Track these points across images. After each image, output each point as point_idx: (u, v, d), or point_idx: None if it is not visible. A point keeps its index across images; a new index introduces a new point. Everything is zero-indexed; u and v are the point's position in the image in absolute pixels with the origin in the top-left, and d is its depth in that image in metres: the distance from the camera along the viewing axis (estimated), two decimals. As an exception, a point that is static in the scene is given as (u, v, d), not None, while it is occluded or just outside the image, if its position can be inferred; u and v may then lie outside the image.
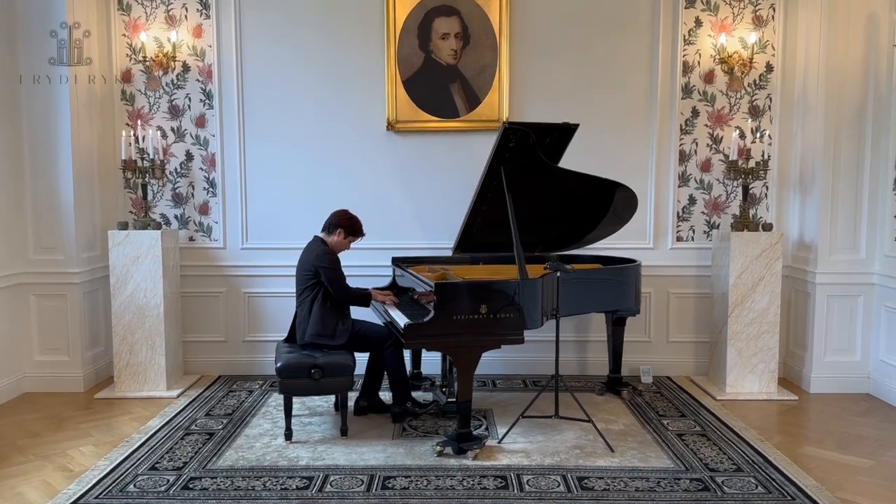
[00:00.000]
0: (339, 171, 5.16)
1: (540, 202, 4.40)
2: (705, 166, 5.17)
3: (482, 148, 4.63)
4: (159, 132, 5.07)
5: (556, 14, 5.05)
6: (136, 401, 4.66)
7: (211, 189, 5.21)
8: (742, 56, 4.98)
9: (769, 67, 5.08)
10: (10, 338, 4.73)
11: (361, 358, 4.20)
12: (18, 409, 4.50)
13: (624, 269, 4.45)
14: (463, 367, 3.63)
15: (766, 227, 4.79)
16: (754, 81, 5.09)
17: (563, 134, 4.25)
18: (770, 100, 5.11)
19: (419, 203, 5.19)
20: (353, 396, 4.30)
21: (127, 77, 5.13)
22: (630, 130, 5.14)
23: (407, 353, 4.60)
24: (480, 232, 4.56)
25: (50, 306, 4.85)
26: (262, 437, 3.96)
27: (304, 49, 5.09)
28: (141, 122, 5.05)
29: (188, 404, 4.54)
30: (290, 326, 4.23)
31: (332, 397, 4.44)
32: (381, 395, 4.41)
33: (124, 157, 4.78)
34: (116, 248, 4.72)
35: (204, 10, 5.07)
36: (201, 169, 5.20)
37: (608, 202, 4.49)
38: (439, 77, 5.07)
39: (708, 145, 5.16)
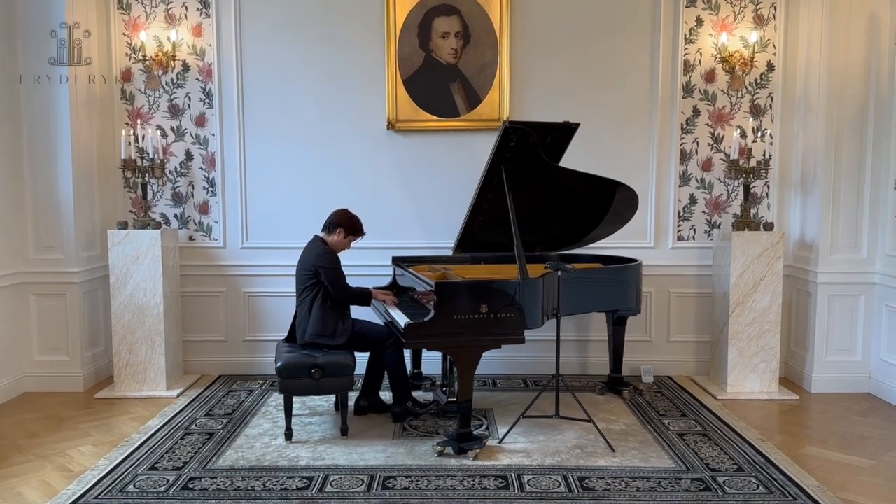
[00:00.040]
0: (340, 170, 5.15)
1: (541, 201, 4.39)
2: (706, 165, 5.16)
3: (483, 147, 4.62)
4: (159, 131, 5.06)
5: (556, 13, 5.04)
6: (136, 400, 4.65)
7: (211, 188, 5.20)
8: (743, 55, 4.97)
9: (770, 66, 5.07)
10: (10, 337, 4.72)
11: (362, 357, 4.19)
12: (18, 409, 4.50)
13: (625, 268, 4.45)
14: (463, 367, 3.62)
15: (768, 227, 4.78)
16: (755, 80, 5.08)
17: (564, 133, 4.24)
18: (771, 99, 5.10)
19: (419, 202, 5.18)
20: (353, 396, 4.29)
21: (127, 76, 5.12)
22: (631, 129, 5.13)
23: (407, 352, 4.60)
24: (481, 231, 4.55)
25: (49, 306, 4.84)
26: (262, 436, 3.96)
27: (305, 48, 5.08)
28: (141, 122, 5.04)
29: (188, 404, 4.54)
30: (290, 326, 4.22)
31: (332, 397, 4.43)
32: (381, 394, 4.40)
33: (124, 157, 4.77)
34: (116, 248, 4.71)
35: (204, 9, 5.06)
36: (201, 168, 5.19)
37: (609, 201, 4.48)
38: (440, 76, 5.06)
39: (709, 144, 5.15)
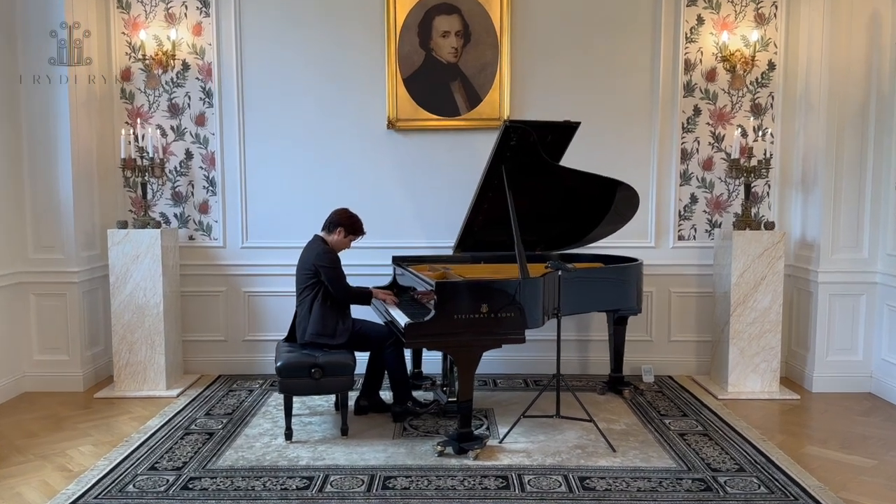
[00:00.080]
0: (340, 169, 5.14)
1: (541, 201, 4.39)
2: (707, 165, 5.15)
3: (483, 146, 4.61)
4: (159, 131, 5.05)
5: (557, 12, 5.03)
6: (136, 400, 4.64)
7: (211, 188, 5.19)
8: (744, 54, 4.96)
9: (771, 65, 5.06)
10: (10, 337, 4.72)
11: (362, 357, 4.18)
12: (17, 409, 4.49)
13: (625, 268, 4.44)
14: (464, 367, 3.61)
15: (769, 226, 4.77)
16: (756, 79, 5.07)
17: (565, 132, 4.23)
18: (772, 98, 5.09)
19: (420, 202, 5.17)
20: (353, 396, 4.28)
21: (126, 75, 5.11)
22: (631, 129, 5.12)
23: (408, 352, 4.60)
24: (481, 231, 4.54)
25: (49, 305, 4.83)
26: (262, 436, 3.95)
27: (305, 47, 5.07)
28: (140, 121, 5.03)
29: (188, 404, 4.53)
30: (290, 325, 4.21)
31: (332, 397, 4.42)
32: (381, 394, 4.39)
33: (124, 156, 4.76)
34: (116, 247, 4.70)
35: (204, 8, 5.05)
36: (201, 167, 5.18)
37: (609, 201, 4.48)
38: (440, 75, 5.05)
39: (710, 144, 5.14)
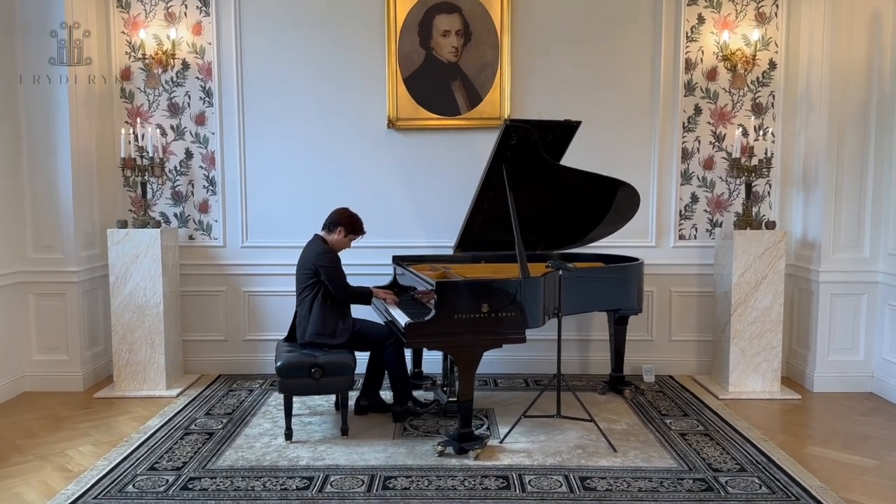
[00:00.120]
0: (340, 169, 5.13)
1: (542, 200, 4.38)
2: (708, 164, 5.14)
3: (483, 146, 4.60)
4: (159, 130, 5.04)
5: (557, 11, 5.02)
6: (136, 400, 4.63)
7: (210, 187, 5.18)
8: (745, 53, 4.95)
9: (772, 65, 5.05)
10: (9, 337, 4.71)
11: (362, 357, 4.18)
12: (17, 409, 4.48)
13: (626, 267, 4.43)
14: (464, 367, 3.60)
15: (770, 226, 4.76)
16: (757, 79, 5.06)
17: (565, 131, 4.22)
18: (773, 97, 5.08)
19: (420, 201, 5.16)
20: (353, 396, 4.27)
21: (126, 75, 5.10)
22: (632, 128, 5.11)
23: (408, 352, 4.59)
24: (482, 230, 4.53)
25: (49, 305, 4.82)
26: (262, 436, 3.94)
27: (305, 46, 5.06)
28: (140, 120, 5.03)
29: (188, 404, 4.52)
30: (290, 325, 4.20)
31: (332, 397, 4.41)
32: (381, 394, 4.38)
33: (123, 156, 4.76)
34: (116, 247, 4.69)
35: (204, 8, 5.04)
36: (201, 167, 5.17)
37: (610, 200, 4.47)
38: (440, 74, 5.04)
39: (711, 143, 5.13)
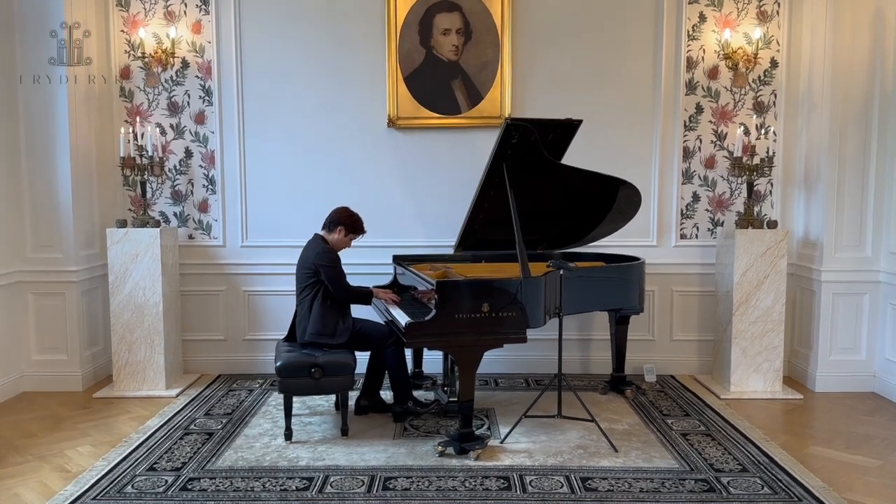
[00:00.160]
0: (340, 168, 5.11)
1: (543, 199, 4.36)
2: (709, 163, 5.12)
3: (484, 145, 4.58)
4: (158, 129, 5.03)
5: (558, 10, 5.00)
6: (135, 400, 4.62)
7: (210, 186, 5.16)
8: (746, 52, 4.92)
9: (774, 63, 5.03)
10: (8, 337, 4.69)
11: (362, 357, 4.16)
12: (16, 409, 4.47)
13: (627, 267, 4.41)
14: (465, 366, 3.59)
15: (771, 225, 4.74)
16: (759, 77, 5.04)
17: (566, 130, 4.21)
18: (775, 96, 5.06)
19: (420, 201, 5.14)
20: (353, 396, 4.26)
21: (125, 74, 5.08)
22: (633, 126, 5.09)
23: (408, 351, 4.57)
24: (482, 229, 4.52)
25: (48, 305, 4.81)
26: (262, 436, 3.92)
27: (305, 45, 5.04)
28: (140, 119, 5.01)
29: (187, 404, 4.51)
30: (289, 325, 4.19)
31: (332, 397, 4.40)
32: (382, 394, 4.37)
33: (123, 155, 4.73)
34: (115, 247, 4.68)
35: (203, 6, 5.03)
36: (200, 166, 5.16)
37: (611, 199, 4.45)
38: (440, 73, 5.02)
39: (712, 142, 5.11)
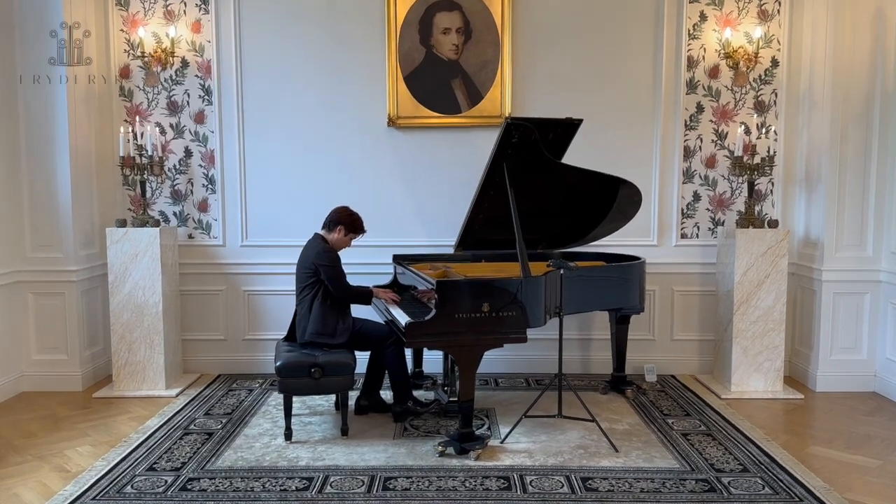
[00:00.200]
0: (340, 167, 5.11)
1: (543, 199, 4.35)
2: (710, 162, 5.11)
3: (484, 144, 4.57)
4: (158, 128, 5.02)
5: (558, 8, 4.99)
6: (135, 400, 4.61)
7: (210, 186, 5.16)
8: (747, 51, 4.91)
9: (775, 62, 5.02)
10: (8, 337, 4.69)
11: (362, 357, 4.16)
12: (15, 409, 4.46)
13: (628, 266, 4.40)
14: (465, 366, 3.58)
15: (772, 224, 4.73)
16: (760, 77, 5.03)
17: (567, 129, 4.20)
18: (775, 95, 5.05)
19: (420, 200, 5.13)
20: (353, 396, 4.25)
21: (125, 73, 5.07)
22: (634, 126, 5.08)
23: (408, 351, 4.57)
24: (482, 229, 4.51)
25: (47, 305, 4.80)
26: (262, 436, 3.92)
27: (305, 44, 5.03)
28: (139, 119, 5.00)
29: (187, 403, 4.50)
30: (289, 325, 4.18)
31: (332, 396, 4.39)
32: (382, 394, 4.36)
33: (122, 154, 4.73)
34: (115, 246, 4.67)
35: (203, 5, 5.02)
36: (200, 165, 5.15)
37: (612, 199, 4.44)
38: (440, 72, 5.01)
39: (713, 141, 5.10)
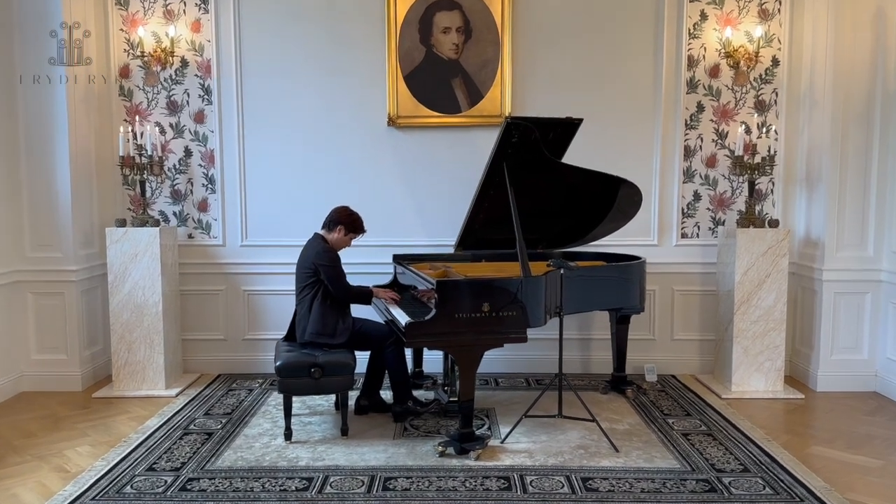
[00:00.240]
0: (340, 167, 5.10)
1: (543, 198, 4.35)
2: (710, 162, 5.11)
3: (484, 143, 4.56)
4: (157, 128, 5.01)
5: (558, 8, 4.98)
6: (135, 400, 4.61)
7: (210, 185, 5.15)
8: (748, 50, 4.91)
9: (775, 62, 5.01)
10: (8, 336, 4.68)
11: (362, 356, 4.15)
12: (15, 409, 4.45)
13: (628, 266, 4.40)
14: (465, 366, 3.58)
15: (773, 224, 4.72)
16: (760, 76, 5.02)
17: (567, 129, 4.19)
18: (776, 94, 5.04)
19: (420, 200, 5.13)
20: (353, 395, 4.25)
21: (125, 72, 5.07)
22: (634, 125, 5.07)
23: (408, 351, 4.56)
24: (483, 229, 4.50)
25: (47, 304, 4.80)
26: (262, 436, 3.91)
27: (304, 44, 5.03)
28: (139, 118, 5.00)
29: (187, 403, 4.49)
30: (289, 324, 4.17)
31: (332, 396, 4.38)
32: (382, 394, 4.36)
33: (122, 154, 4.72)
34: (114, 246, 4.67)
35: (202, 5, 5.01)
36: (200, 165, 5.14)
37: (612, 198, 4.44)
38: (441, 72, 5.01)
39: (713, 140, 5.09)
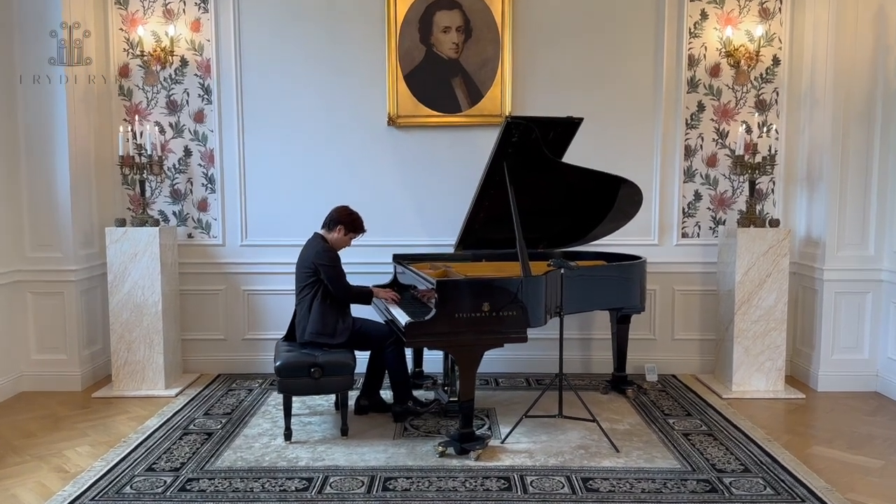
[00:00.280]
0: (340, 166, 5.09)
1: (543, 198, 4.34)
2: (711, 161, 5.10)
3: (484, 143, 4.55)
4: (157, 128, 5.00)
5: (559, 7, 4.98)
6: (134, 400, 4.60)
7: (210, 185, 5.14)
8: (748, 49, 4.90)
9: (776, 61, 5.00)
10: (7, 336, 4.67)
11: (362, 356, 4.14)
12: (14, 409, 4.45)
13: (628, 265, 4.39)
14: (465, 366, 3.57)
15: (773, 223, 4.72)
16: (761, 75, 5.01)
17: (567, 128, 4.19)
18: (777, 94, 5.03)
19: (420, 199, 5.12)
20: (353, 395, 4.24)
21: (124, 72, 5.06)
22: (635, 125, 5.06)
23: (409, 351, 4.55)
24: (483, 228, 4.50)
25: (47, 304, 4.79)
26: (262, 436, 3.91)
27: (304, 43, 5.02)
28: (139, 118, 4.99)
29: (186, 403, 4.49)
30: (289, 324, 4.17)
31: (332, 396, 4.38)
32: (382, 393, 4.35)
33: (122, 153, 4.70)
34: (114, 246, 4.66)
35: (202, 4, 5.00)
36: (200, 165, 5.14)
37: (612, 198, 4.43)
38: (441, 71, 5.00)
39: (714, 140, 5.08)
